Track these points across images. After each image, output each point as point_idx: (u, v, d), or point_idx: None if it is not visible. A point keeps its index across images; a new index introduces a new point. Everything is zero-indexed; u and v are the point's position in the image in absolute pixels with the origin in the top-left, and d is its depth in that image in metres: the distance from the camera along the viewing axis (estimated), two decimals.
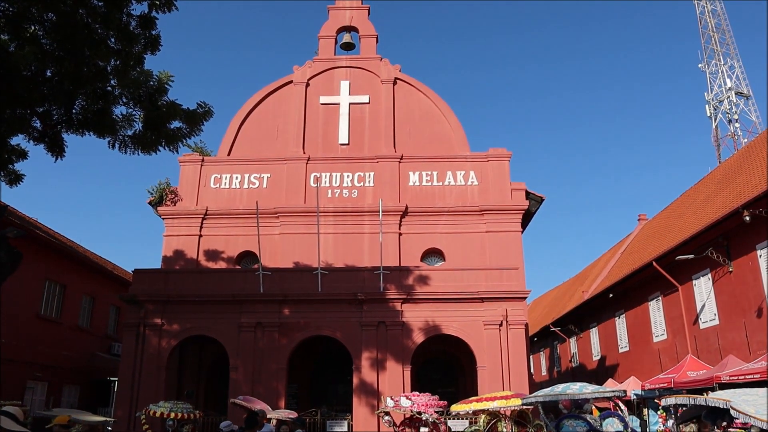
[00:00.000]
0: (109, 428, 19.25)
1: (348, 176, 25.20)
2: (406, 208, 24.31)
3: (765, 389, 6.45)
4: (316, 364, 24.44)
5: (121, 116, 12.91)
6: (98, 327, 28.17)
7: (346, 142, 25.88)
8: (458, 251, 23.97)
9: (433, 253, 24.59)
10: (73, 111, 12.48)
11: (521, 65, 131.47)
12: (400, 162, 25.22)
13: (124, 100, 12.84)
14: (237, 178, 25.31)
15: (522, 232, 24.91)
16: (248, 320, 20.52)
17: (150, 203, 25.35)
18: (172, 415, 13.48)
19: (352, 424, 20.07)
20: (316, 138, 26.06)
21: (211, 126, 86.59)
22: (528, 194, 25.01)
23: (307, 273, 21.28)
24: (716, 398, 5.88)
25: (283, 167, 25.31)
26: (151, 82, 12.79)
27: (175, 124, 13.42)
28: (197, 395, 23.17)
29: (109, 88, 12.53)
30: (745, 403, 5.53)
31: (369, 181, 25.08)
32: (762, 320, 19.81)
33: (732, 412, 5.53)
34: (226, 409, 19.08)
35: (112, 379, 24.20)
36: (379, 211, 22.73)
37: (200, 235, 24.52)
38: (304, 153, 25.52)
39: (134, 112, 13.04)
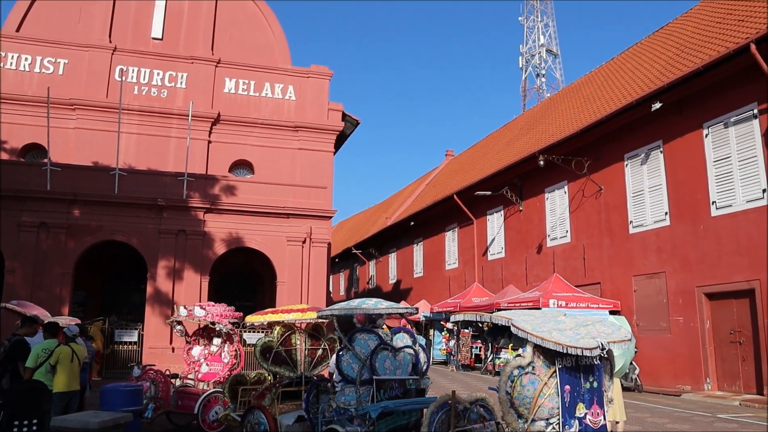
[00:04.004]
0: None
1: (158, 74, 23.36)
2: (219, 115, 23.24)
3: (540, 311, 7.13)
4: (109, 271, 23.03)
5: None
6: None
7: (160, 36, 23.85)
8: (268, 165, 23.56)
9: (242, 165, 23.95)
10: None
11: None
12: (216, 66, 23.87)
13: None
14: (27, 59, 22.35)
15: (334, 153, 25.05)
16: (30, 219, 18.56)
17: None
18: None
19: (142, 334, 19.35)
20: (126, 27, 23.66)
21: None
22: (344, 116, 25.07)
23: (103, 173, 19.63)
24: (499, 316, 6.43)
25: (84, 54, 22.77)
26: None
27: None
28: None
29: None
30: (524, 321, 6.09)
31: (181, 83, 23.48)
32: (541, 256, 22.06)
33: (512, 329, 6.05)
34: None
35: None
36: (188, 116, 21.48)
37: None
38: (110, 42, 23.13)
39: None
